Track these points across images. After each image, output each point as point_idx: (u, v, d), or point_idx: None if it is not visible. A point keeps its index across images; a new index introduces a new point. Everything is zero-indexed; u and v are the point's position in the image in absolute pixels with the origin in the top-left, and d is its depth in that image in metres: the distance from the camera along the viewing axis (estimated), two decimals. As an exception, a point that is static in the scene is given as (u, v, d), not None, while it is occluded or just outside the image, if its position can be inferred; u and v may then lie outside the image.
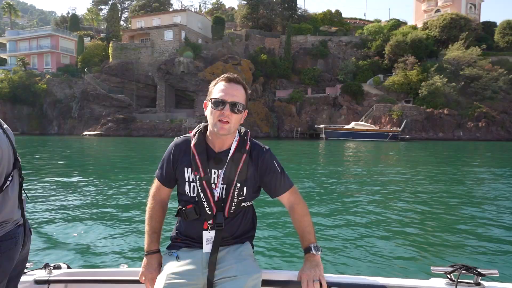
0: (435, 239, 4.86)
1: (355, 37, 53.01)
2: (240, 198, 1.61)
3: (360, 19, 65.86)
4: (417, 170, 13.34)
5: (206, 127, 1.67)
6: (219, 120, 1.54)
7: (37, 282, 1.77)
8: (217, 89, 1.58)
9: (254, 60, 48.51)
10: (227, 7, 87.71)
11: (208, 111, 1.60)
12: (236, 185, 1.59)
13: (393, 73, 45.29)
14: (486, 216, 6.13)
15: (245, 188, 1.61)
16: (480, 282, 1.44)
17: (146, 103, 50.53)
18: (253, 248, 1.72)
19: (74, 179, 10.14)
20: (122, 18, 71.00)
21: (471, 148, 27.95)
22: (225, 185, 1.60)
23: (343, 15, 62.81)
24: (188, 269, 1.55)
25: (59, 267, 1.86)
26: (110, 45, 49.24)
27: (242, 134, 1.68)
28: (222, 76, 1.62)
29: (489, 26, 53.43)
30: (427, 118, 40.41)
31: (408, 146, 30.67)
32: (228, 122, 1.54)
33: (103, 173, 11.70)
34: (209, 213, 1.58)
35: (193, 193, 1.61)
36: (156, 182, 1.74)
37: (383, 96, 43.77)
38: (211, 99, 1.58)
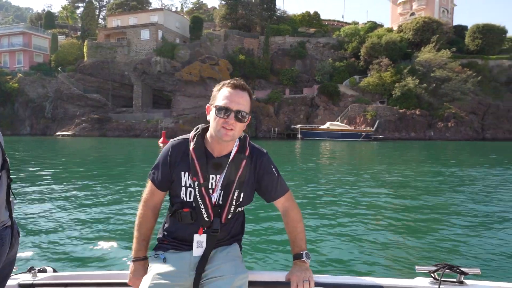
0: (419, 239, 4.89)
1: (332, 38, 53.80)
2: (237, 203, 1.59)
3: (339, 21, 66.87)
4: (395, 169, 13.44)
5: (204, 130, 1.62)
6: (223, 127, 1.50)
7: (22, 286, 1.70)
8: (221, 95, 1.53)
9: (233, 60, 48.54)
10: (209, 6, 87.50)
11: (211, 117, 1.54)
12: (234, 191, 1.57)
13: (368, 75, 46.23)
14: (467, 216, 6.19)
15: (242, 193, 1.59)
16: (463, 280, 1.46)
17: (122, 103, 49.81)
18: (241, 249, 1.71)
19: (58, 181, 9.93)
20: (101, 16, 69.80)
21: (442, 148, 28.84)
22: (223, 191, 1.57)
23: (322, 17, 63.57)
24: (175, 271, 1.52)
25: (44, 271, 1.80)
26: (85, 43, 48.31)
27: (242, 138, 1.64)
28: (228, 81, 1.56)
29: (461, 29, 55.13)
30: (400, 118, 41.46)
31: (381, 145, 31.40)
32: (232, 130, 1.50)
33: (87, 175, 11.49)
34: (207, 219, 1.55)
35: (190, 198, 1.57)
36: (149, 186, 1.66)
37: (359, 97, 44.62)
38: (215, 106, 1.52)
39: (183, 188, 1.57)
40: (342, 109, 44.14)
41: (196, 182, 1.54)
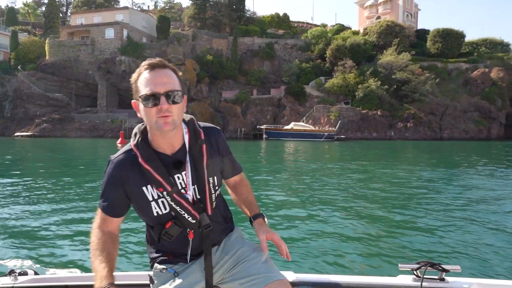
0: (401, 237, 4.96)
1: (300, 40, 54.59)
2: (215, 190, 1.47)
3: (308, 23, 67.92)
4: (364, 169, 13.46)
5: (143, 132, 1.40)
6: (159, 117, 1.28)
7: None
8: (142, 81, 1.30)
9: (201, 60, 48.38)
10: (184, 6, 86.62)
11: (141, 111, 1.32)
12: (209, 180, 1.44)
13: (334, 76, 47.23)
14: (447, 214, 6.29)
15: (216, 177, 1.47)
16: (444, 277, 1.48)
17: (87, 102, 48.61)
18: None
19: (37, 181, 9.73)
20: (68, 13, 67.74)
21: (401, 147, 29.86)
22: (196, 185, 1.42)
23: (292, 19, 64.42)
24: (189, 282, 1.40)
25: (25, 274, 1.74)
26: (47, 41, 46.84)
27: (188, 122, 1.45)
28: (142, 64, 1.32)
29: (424, 33, 57.29)
30: (362, 119, 42.60)
31: (342, 145, 32.19)
32: (170, 115, 1.28)
33: (63, 174, 11.28)
34: (193, 221, 1.41)
35: (165, 209, 1.40)
36: (100, 216, 1.43)
37: (324, 98, 45.49)
38: (140, 96, 1.29)
39: (153, 203, 1.39)
40: (308, 109, 44.87)
41: (165, 192, 1.36)
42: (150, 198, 1.38)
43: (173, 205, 1.37)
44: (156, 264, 1.48)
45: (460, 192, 8.50)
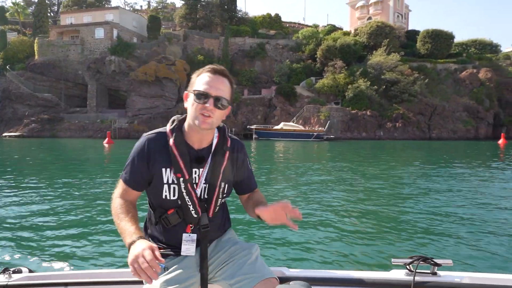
0: (394, 232, 5.05)
1: (291, 40, 54.77)
2: (223, 196, 1.56)
3: (300, 23, 68.17)
4: (353, 168, 13.54)
5: (181, 121, 1.53)
6: (201, 114, 1.41)
7: None
8: (201, 80, 1.44)
9: (192, 60, 48.32)
10: (177, 6, 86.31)
11: (189, 103, 1.45)
12: (221, 184, 1.52)
13: (324, 76, 47.45)
14: (439, 210, 6.39)
15: (227, 185, 1.56)
16: (436, 271, 1.51)
17: (77, 102, 48.31)
18: None
19: (31, 180, 9.67)
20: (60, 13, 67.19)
21: (390, 146, 30.09)
22: (207, 185, 1.51)
23: (283, 19, 64.63)
24: (181, 277, 1.43)
25: (19, 271, 1.73)
26: (36, 41, 46.47)
27: (221, 129, 1.58)
28: (207, 66, 1.47)
29: (414, 34, 57.78)
30: (352, 119, 42.88)
31: (332, 144, 32.39)
32: (210, 117, 1.41)
33: (58, 173, 11.21)
34: (195, 216, 1.49)
35: (173, 195, 1.47)
36: (122, 187, 1.51)
37: (314, 98, 45.70)
38: (194, 90, 1.43)
39: (166, 186, 1.47)
40: (298, 109, 45.04)
41: (181, 179, 1.45)
42: (165, 181, 1.47)
43: (184, 193, 1.46)
44: None
45: (451, 189, 8.65)
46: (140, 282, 1.53)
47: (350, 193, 8.16)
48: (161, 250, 1.50)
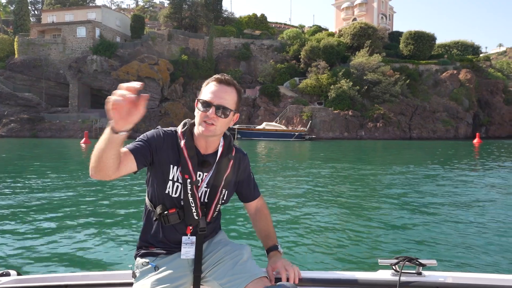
0: (381, 233, 5.10)
1: (276, 41, 55.00)
2: (222, 202, 1.62)
3: (285, 24, 68.48)
4: (335, 167, 13.60)
5: (192, 125, 1.59)
6: (204, 121, 1.48)
7: None
8: (207, 89, 1.51)
9: (176, 60, 48.15)
10: (166, 5, 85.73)
11: (196, 111, 1.53)
12: (222, 190, 1.59)
13: (307, 77, 47.77)
14: (424, 211, 6.45)
15: (227, 192, 1.62)
16: (421, 271, 1.53)
17: (59, 102, 47.69)
18: None
19: (18, 180, 9.53)
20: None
21: (371, 146, 30.46)
22: (209, 189, 1.57)
23: (270, 20, 64.87)
24: (172, 277, 1.46)
25: (7, 274, 1.70)
26: (15, 39, 45.75)
27: (227, 138, 1.64)
28: (214, 76, 1.54)
29: (397, 35, 58.57)
30: (334, 119, 43.29)
31: (313, 144, 32.68)
32: (213, 125, 1.48)
33: (45, 174, 11.05)
34: (196, 218, 1.54)
35: (175, 193, 1.53)
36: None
37: (298, 98, 45.99)
38: (198, 99, 1.51)
39: (170, 182, 1.52)
40: (282, 109, 45.28)
41: (189, 180, 1.51)
42: (170, 177, 1.52)
43: (189, 195, 1.51)
44: (138, 258, 1.58)
45: (435, 189, 8.69)
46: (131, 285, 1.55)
47: (335, 194, 8.14)
48: (153, 249, 1.56)
